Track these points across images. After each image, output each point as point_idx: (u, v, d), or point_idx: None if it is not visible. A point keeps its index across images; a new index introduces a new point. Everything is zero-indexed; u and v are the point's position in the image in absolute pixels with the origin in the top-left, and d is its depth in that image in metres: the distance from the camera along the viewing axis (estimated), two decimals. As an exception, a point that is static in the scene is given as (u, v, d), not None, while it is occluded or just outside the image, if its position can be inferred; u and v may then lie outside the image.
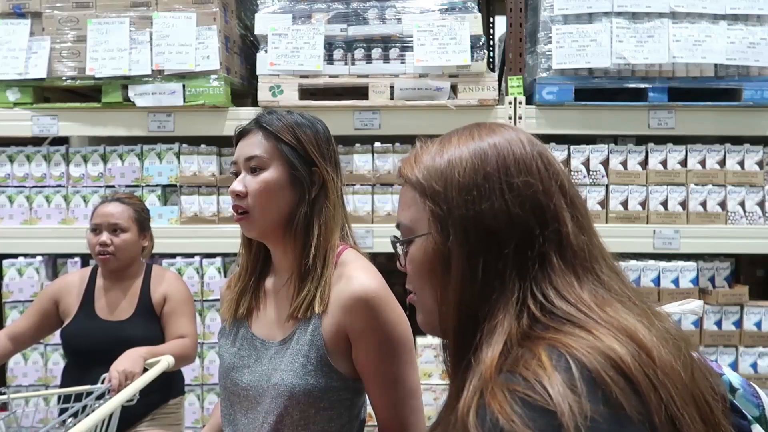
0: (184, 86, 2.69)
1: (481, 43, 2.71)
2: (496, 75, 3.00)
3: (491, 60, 3.41)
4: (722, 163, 2.77)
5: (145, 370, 1.88)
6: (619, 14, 2.68)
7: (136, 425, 2.16)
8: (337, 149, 1.40)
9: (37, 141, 2.90)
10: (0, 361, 2.28)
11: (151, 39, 2.69)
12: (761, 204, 2.74)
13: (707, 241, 2.72)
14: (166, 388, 2.23)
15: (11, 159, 2.82)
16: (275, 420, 1.24)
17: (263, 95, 2.71)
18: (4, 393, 1.75)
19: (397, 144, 2.78)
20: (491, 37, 3.52)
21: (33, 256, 2.80)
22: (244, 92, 3.10)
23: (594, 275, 0.80)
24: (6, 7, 2.76)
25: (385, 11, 2.73)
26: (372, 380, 1.27)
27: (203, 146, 2.81)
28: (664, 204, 2.75)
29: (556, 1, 2.70)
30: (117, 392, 1.72)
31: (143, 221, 2.27)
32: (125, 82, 2.72)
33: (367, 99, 2.71)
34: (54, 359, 2.75)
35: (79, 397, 1.73)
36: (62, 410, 1.89)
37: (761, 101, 2.70)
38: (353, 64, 2.72)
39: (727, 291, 2.76)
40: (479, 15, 2.73)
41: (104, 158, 2.83)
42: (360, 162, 2.77)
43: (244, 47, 3.08)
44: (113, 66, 2.68)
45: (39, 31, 2.76)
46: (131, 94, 2.71)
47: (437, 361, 2.67)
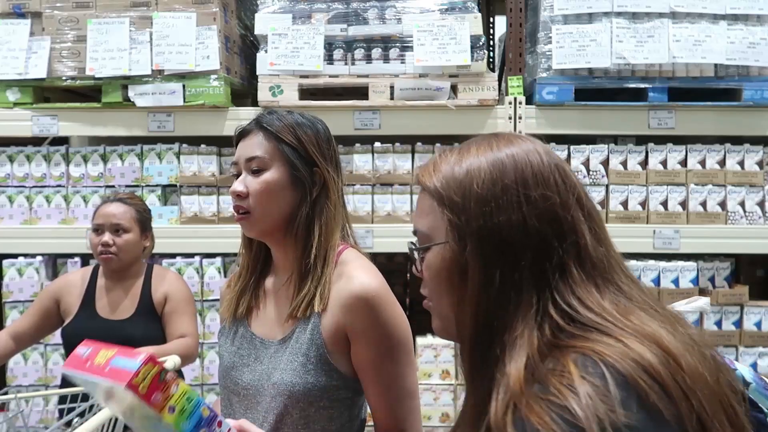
0: (184, 86, 2.69)
1: (481, 43, 2.71)
2: (496, 75, 3.00)
3: (491, 60, 3.41)
4: (722, 163, 2.77)
5: None
6: (619, 14, 2.68)
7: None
8: (338, 149, 1.40)
9: (37, 141, 2.90)
10: (3, 360, 2.28)
11: (151, 39, 2.69)
12: (761, 204, 2.74)
13: (707, 241, 2.72)
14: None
15: (11, 159, 2.82)
16: (275, 419, 1.24)
17: (263, 95, 2.71)
18: (12, 393, 1.75)
19: (397, 144, 2.78)
20: (491, 37, 3.52)
21: (33, 256, 2.80)
22: (244, 92, 3.10)
23: (615, 285, 0.81)
24: (6, 7, 2.76)
25: (385, 11, 2.73)
26: (370, 379, 1.27)
27: (203, 146, 2.81)
28: (664, 204, 2.75)
29: (556, 1, 2.70)
30: None
31: (145, 221, 2.27)
32: (125, 82, 2.72)
33: (367, 99, 2.71)
34: (54, 359, 2.75)
35: (86, 397, 1.73)
36: (62, 410, 1.89)
37: (761, 101, 2.70)
38: (353, 64, 2.72)
39: (727, 291, 2.76)
40: (479, 15, 2.73)
41: (104, 158, 2.83)
42: (360, 162, 2.77)
43: (244, 47, 3.08)
44: (113, 66, 2.68)
45: (39, 31, 2.76)
46: (131, 94, 2.71)
47: (437, 361, 2.67)
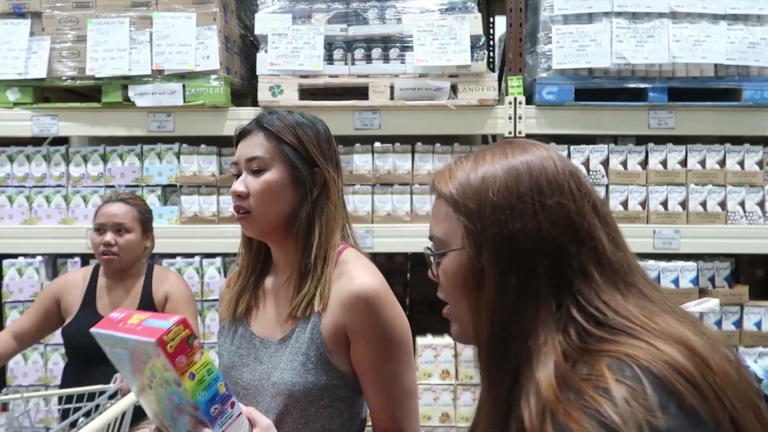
0: (184, 86, 2.69)
1: (481, 43, 2.71)
2: (496, 75, 3.00)
3: (491, 60, 3.41)
4: (722, 163, 2.77)
5: None
6: (619, 14, 2.68)
7: (138, 423, 2.16)
8: (338, 149, 1.40)
9: (37, 141, 2.90)
10: (6, 360, 2.28)
11: (151, 39, 2.69)
12: (761, 204, 2.74)
13: (707, 241, 2.72)
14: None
15: (11, 159, 2.82)
16: (275, 418, 1.24)
17: (263, 95, 2.71)
18: (17, 393, 1.75)
19: (397, 144, 2.78)
20: (491, 37, 3.52)
21: (33, 256, 2.80)
22: (244, 92, 3.10)
23: (636, 288, 0.82)
24: (6, 7, 2.76)
25: (385, 11, 2.73)
26: (369, 379, 1.27)
27: (203, 146, 2.81)
28: (664, 204, 2.75)
29: (556, 1, 2.70)
30: (129, 391, 1.72)
31: (146, 222, 2.28)
32: (125, 82, 2.72)
33: (367, 99, 2.71)
34: (54, 359, 2.75)
35: (92, 397, 1.73)
36: (64, 411, 1.89)
37: (761, 101, 2.70)
38: (353, 64, 2.72)
39: (727, 291, 2.76)
40: (479, 15, 2.73)
41: (104, 158, 2.83)
42: (360, 162, 2.77)
43: (244, 47, 3.08)
44: (113, 66, 2.68)
45: (39, 31, 2.76)
46: (131, 94, 2.71)
47: (437, 361, 2.67)
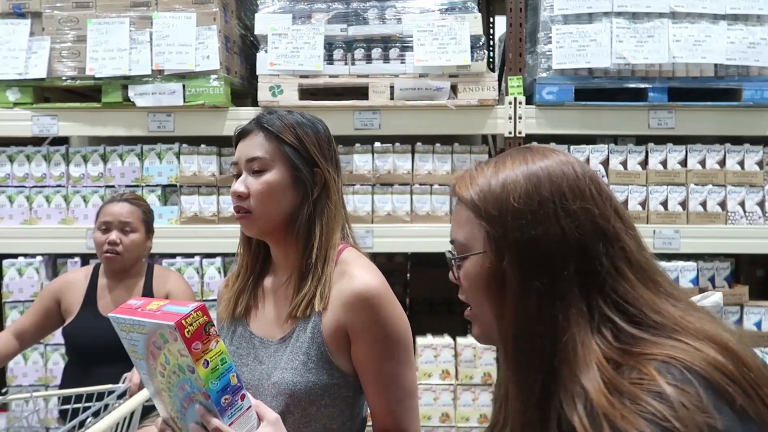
0: (184, 86, 2.69)
1: (481, 43, 2.71)
2: (496, 75, 3.00)
3: (491, 60, 3.41)
4: (722, 163, 2.77)
5: None
6: (619, 14, 2.68)
7: (144, 420, 2.17)
8: (337, 149, 1.40)
9: (37, 141, 2.90)
10: (8, 359, 2.27)
11: (151, 39, 2.69)
12: (761, 204, 2.74)
13: (707, 241, 2.72)
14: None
15: (11, 159, 2.82)
16: (276, 419, 1.24)
17: (263, 95, 2.71)
18: (29, 392, 1.75)
19: (397, 144, 2.78)
20: (491, 37, 3.52)
21: (33, 256, 2.80)
22: (244, 92, 3.10)
23: (663, 288, 0.83)
24: (6, 7, 2.76)
25: (385, 11, 2.73)
26: (370, 378, 1.28)
27: (203, 146, 2.80)
28: (664, 204, 2.75)
29: (556, 1, 2.70)
30: (138, 391, 1.72)
31: (150, 222, 2.29)
32: (125, 82, 2.72)
33: (367, 99, 2.71)
34: (54, 359, 2.75)
35: (101, 396, 1.73)
36: (63, 411, 1.89)
37: (761, 101, 2.70)
38: (353, 64, 2.72)
39: (727, 291, 2.76)
40: (479, 15, 2.73)
41: (104, 158, 2.83)
42: (360, 162, 2.77)
43: (244, 47, 3.08)
44: (113, 66, 2.68)
45: (39, 31, 2.76)
46: (131, 94, 2.71)
47: (437, 361, 2.67)
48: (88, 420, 1.55)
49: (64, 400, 1.87)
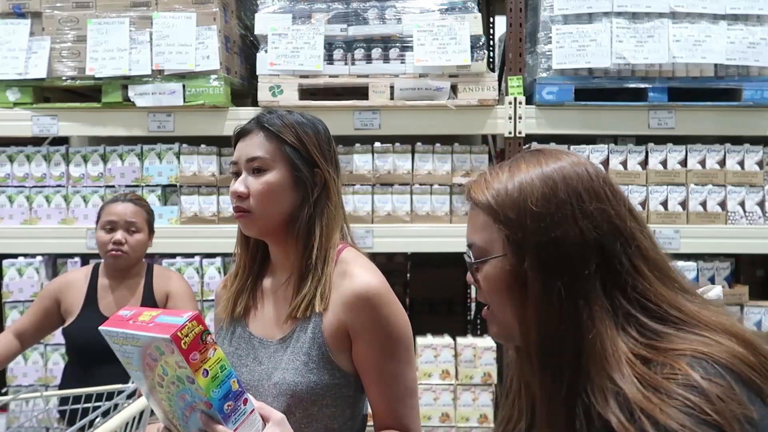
0: (184, 86, 2.69)
1: (481, 43, 2.71)
2: (496, 75, 3.00)
3: (491, 60, 3.41)
4: (722, 163, 2.77)
5: None
6: (619, 14, 2.68)
7: (152, 419, 2.17)
8: (337, 149, 1.40)
9: (37, 141, 2.90)
10: (11, 359, 2.27)
11: (151, 39, 2.69)
12: (761, 204, 2.74)
13: (707, 241, 2.72)
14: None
15: (11, 159, 2.82)
16: (277, 419, 1.24)
17: (263, 95, 2.71)
18: (38, 392, 1.75)
19: (397, 144, 2.78)
20: (491, 37, 3.52)
21: (33, 256, 2.80)
22: (244, 92, 3.10)
23: (678, 284, 0.86)
24: (6, 7, 2.76)
25: (385, 11, 2.73)
26: (371, 377, 1.28)
27: (203, 146, 2.80)
28: (664, 204, 2.75)
29: (556, 1, 2.70)
30: None
31: (152, 223, 2.30)
32: (125, 82, 2.72)
33: (367, 99, 2.71)
34: (54, 359, 2.75)
35: (110, 396, 1.73)
36: (62, 411, 1.88)
37: (761, 101, 2.70)
38: (353, 64, 2.72)
39: (727, 291, 2.76)
40: (479, 15, 2.73)
41: (104, 158, 2.83)
42: (360, 162, 2.77)
43: (244, 47, 3.08)
44: (113, 66, 2.68)
45: (39, 31, 2.76)
46: (131, 94, 2.71)
47: (437, 361, 2.67)
48: (97, 420, 1.55)
49: (64, 401, 1.87)
